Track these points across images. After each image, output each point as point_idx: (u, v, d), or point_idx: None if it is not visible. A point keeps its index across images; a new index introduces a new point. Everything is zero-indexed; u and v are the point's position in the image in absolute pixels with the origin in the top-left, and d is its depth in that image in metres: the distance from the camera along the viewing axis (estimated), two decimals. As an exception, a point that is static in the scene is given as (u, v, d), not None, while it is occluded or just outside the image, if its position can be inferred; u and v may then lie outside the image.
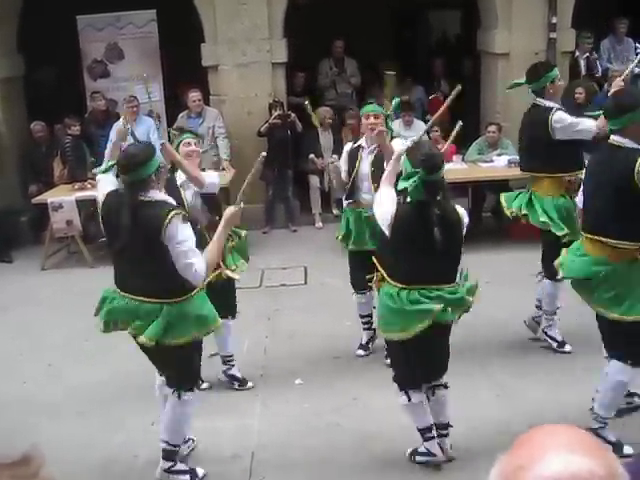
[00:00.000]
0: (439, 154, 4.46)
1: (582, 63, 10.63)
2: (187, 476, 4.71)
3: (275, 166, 9.80)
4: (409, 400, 4.58)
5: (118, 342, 6.73)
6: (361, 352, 6.29)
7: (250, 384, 5.88)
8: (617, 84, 5.97)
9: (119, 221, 4.24)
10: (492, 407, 5.33)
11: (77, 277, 8.66)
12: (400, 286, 4.41)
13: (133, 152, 4.40)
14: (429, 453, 4.66)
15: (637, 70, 10.46)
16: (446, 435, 4.72)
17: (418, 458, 4.72)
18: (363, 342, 6.33)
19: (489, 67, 10.67)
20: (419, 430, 4.65)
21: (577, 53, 10.51)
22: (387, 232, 4.38)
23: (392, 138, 5.99)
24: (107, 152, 9.39)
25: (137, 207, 4.25)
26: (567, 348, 6.14)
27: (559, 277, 5.27)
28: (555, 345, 6.19)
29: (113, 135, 9.33)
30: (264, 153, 5.04)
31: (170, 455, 4.66)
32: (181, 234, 4.20)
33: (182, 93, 10.27)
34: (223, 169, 9.60)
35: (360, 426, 5.09)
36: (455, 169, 9.29)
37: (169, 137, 10.16)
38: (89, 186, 9.10)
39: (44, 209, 8.98)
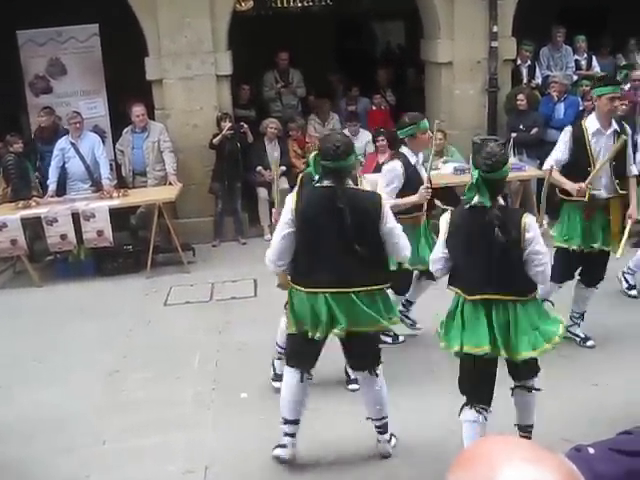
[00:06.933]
0: (502, 153, 4.35)
1: (524, 71, 10.84)
2: (393, 438, 5.00)
3: (225, 179, 9.77)
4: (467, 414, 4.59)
5: (69, 361, 6.70)
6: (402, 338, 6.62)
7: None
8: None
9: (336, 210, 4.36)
10: (443, 412, 5.38)
11: (24, 297, 8.51)
12: (467, 297, 4.38)
13: (343, 139, 4.54)
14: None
15: (575, 77, 10.74)
16: (528, 437, 4.68)
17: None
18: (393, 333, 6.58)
19: (433, 76, 10.80)
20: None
21: (518, 61, 10.72)
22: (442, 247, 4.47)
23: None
24: (51, 169, 9.35)
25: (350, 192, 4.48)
26: (589, 343, 6.45)
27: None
28: (578, 340, 6.48)
29: (57, 152, 9.32)
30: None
31: (386, 427, 4.90)
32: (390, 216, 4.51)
33: (127, 108, 10.18)
34: (170, 183, 9.53)
35: (314, 435, 5.08)
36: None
37: (115, 154, 10.11)
38: (34, 204, 8.96)
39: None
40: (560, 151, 6.12)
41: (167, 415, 5.64)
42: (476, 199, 4.30)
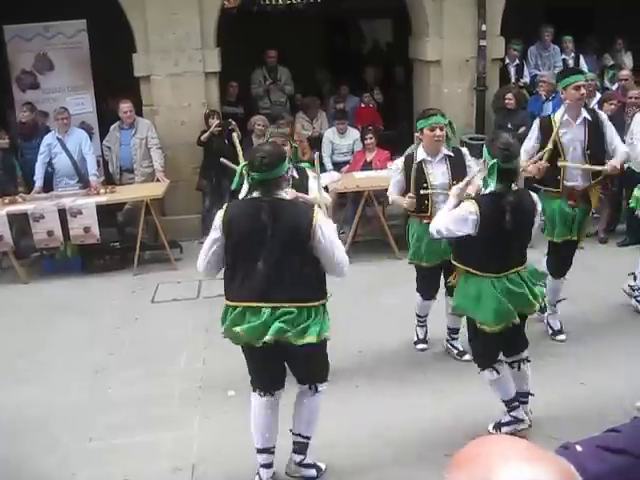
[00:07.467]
0: (516, 144, 4.78)
1: (512, 70, 10.87)
2: (313, 470, 4.79)
3: (212, 176, 9.75)
4: (498, 374, 4.89)
5: (55, 359, 6.66)
6: (424, 346, 6.50)
7: None
8: None
9: (260, 223, 4.23)
10: (432, 410, 5.39)
11: (10, 293, 8.46)
12: (492, 276, 4.74)
13: (271, 150, 4.41)
14: (516, 420, 4.98)
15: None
16: (526, 402, 5.08)
17: (505, 429, 4.98)
18: (421, 337, 6.53)
19: (421, 74, 10.80)
20: (505, 402, 4.96)
21: (507, 60, 10.74)
22: (474, 231, 4.64)
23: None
24: (38, 165, 9.29)
25: (277, 205, 4.32)
26: (561, 337, 6.54)
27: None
28: (550, 332, 6.59)
29: (44, 147, 9.26)
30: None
31: (304, 449, 4.73)
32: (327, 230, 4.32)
33: (112, 104, 10.14)
34: (157, 180, 9.50)
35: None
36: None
37: (102, 150, 10.06)
38: (20, 200, 8.91)
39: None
40: (529, 140, 6.24)
41: (154, 413, 5.62)
42: (493, 187, 4.67)
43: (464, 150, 6.17)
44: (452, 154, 5.93)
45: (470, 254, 4.81)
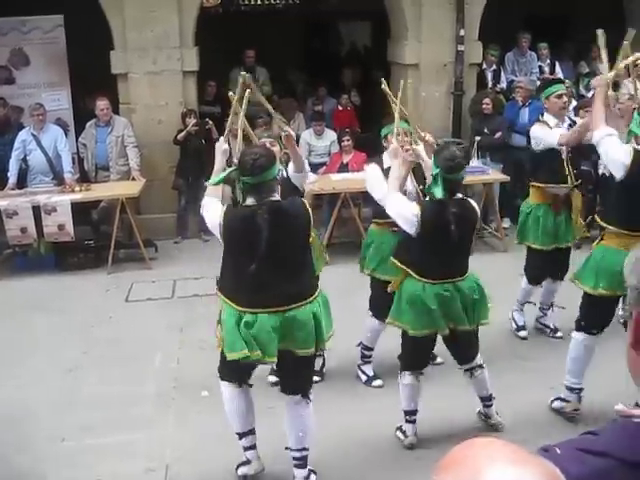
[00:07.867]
0: (462, 157, 4.78)
1: (489, 75, 10.94)
2: (314, 476, 4.69)
3: (189, 175, 9.72)
4: (415, 381, 4.98)
5: (27, 357, 6.60)
6: (380, 382, 6.01)
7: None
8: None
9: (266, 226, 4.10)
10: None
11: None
12: (427, 282, 4.76)
13: (262, 152, 4.34)
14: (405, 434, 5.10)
15: (538, 83, 10.85)
16: (490, 405, 5.17)
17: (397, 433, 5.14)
18: (370, 375, 6.09)
19: (399, 77, 10.81)
20: (405, 412, 5.06)
21: (484, 65, 10.82)
22: (414, 232, 4.67)
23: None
24: (12, 161, 9.19)
25: (275, 208, 4.22)
26: (522, 334, 6.70)
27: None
28: (514, 328, 6.77)
29: (18, 144, 9.17)
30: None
31: (306, 460, 4.61)
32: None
33: (91, 102, 10.06)
34: (133, 178, 9.45)
35: (275, 435, 5.04)
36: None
37: (77, 148, 9.99)
38: (-7, 195, 8.84)
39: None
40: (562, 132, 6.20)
41: (128, 413, 5.59)
42: (436, 194, 4.70)
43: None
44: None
45: (411, 256, 4.83)
